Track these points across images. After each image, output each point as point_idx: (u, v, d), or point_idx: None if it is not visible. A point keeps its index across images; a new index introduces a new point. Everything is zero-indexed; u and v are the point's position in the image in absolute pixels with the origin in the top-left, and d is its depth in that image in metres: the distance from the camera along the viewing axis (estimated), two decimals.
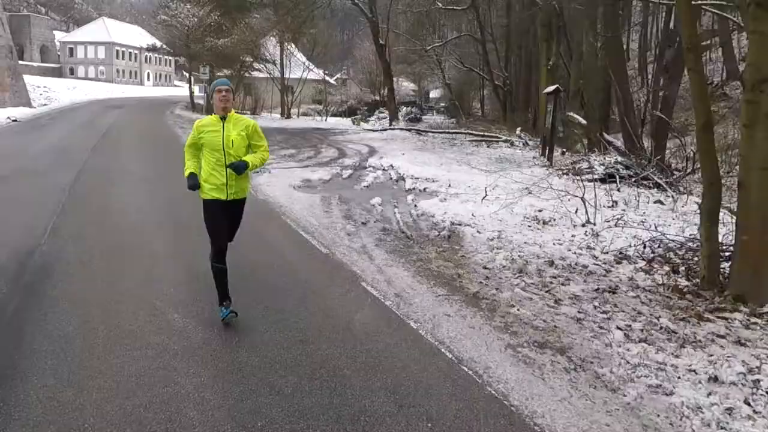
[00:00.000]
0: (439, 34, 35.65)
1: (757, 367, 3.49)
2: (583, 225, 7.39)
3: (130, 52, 74.11)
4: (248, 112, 38.19)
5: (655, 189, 10.25)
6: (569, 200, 8.27)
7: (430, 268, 5.45)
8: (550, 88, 13.62)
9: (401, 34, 33.60)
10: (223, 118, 3.99)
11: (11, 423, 2.79)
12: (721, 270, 5.02)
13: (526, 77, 31.03)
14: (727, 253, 5.22)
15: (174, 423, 2.83)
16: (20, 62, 32.63)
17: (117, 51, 72.05)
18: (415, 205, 8.43)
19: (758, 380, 3.33)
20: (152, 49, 45.54)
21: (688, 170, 11.59)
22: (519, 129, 20.76)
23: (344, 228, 6.99)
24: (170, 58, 59.80)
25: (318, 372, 3.37)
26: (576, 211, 7.61)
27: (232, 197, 4.06)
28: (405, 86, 58.44)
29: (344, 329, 4.01)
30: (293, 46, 37.77)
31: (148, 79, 78.54)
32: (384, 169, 12.31)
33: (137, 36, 72.21)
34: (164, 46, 38.56)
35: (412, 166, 12.56)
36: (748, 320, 4.28)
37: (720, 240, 5.12)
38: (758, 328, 4.16)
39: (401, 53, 39.00)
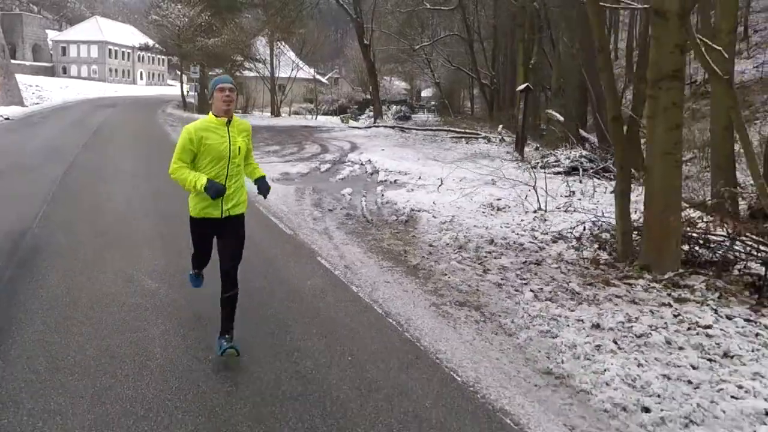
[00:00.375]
0: (427, 34, 36.25)
1: (636, 318, 4.17)
2: (535, 211, 8.07)
3: (122, 51, 74.40)
4: (239, 111, 38.78)
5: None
6: (529, 190, 8.95)
7: (382, 246, 6.11)
8: (521, 87, 14.30)
9: (390, 34, 34.17)
10: (228, 122, 3.43)
11: (10, 357, 3.42)
12: (636, 245, 5.70)
13: (513, 76, 31.60)
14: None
15: (141, 356, 3.47)
16: (12, 61, 33.08)
17: (110, 50, 72.34)
18: (383, 195, 9.09)
19: (632, 327, 4.00)
20: (145, 48, 46.07)
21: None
22: (501, 126, 21.45)
23: (311, 214, 7.64)
24: (163, 57, 60.36)
25: (265, 323, 4.02)
26: (526, 197, 8.28)
27: (228, 213, 3.49)
28: (397, 85, 59.10)
29: (294, 292, 4.66)
30: (285, 45, 38.40)
31: (141, 78, 78.88)
32: (361, 164, 12.95)
33: (130, 35, 72.56)
34: (157, 46, 39.10)
35: (389, 160, 13.21)
36: (649, 285, 4.96)
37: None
38: (654, 291, 4.83)
39: (392, 52, 39.63)
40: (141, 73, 79.15)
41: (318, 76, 50.42)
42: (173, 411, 2.94)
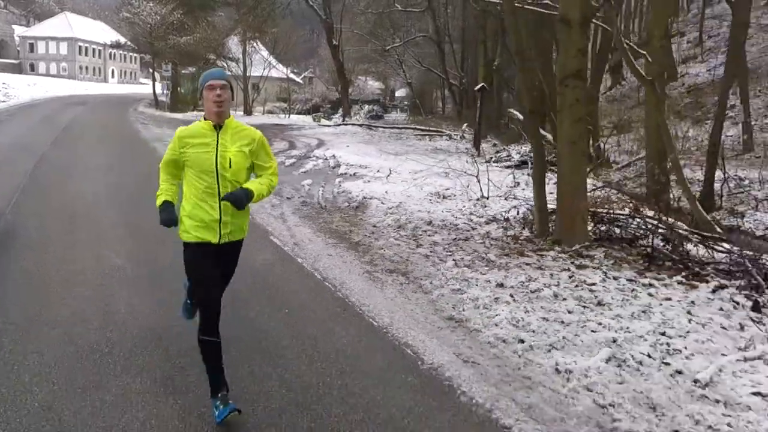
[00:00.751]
0: (399, 35, 37.00)
1: (535, 279, 4.91)
2: (478, 199, 8.82)
3: (93, 49, 73.49)
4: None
5: None
6: (477, 181, 9.70)
7: (330, 227, 6.79)
8: (478, 87, 15.12)
9: (362, 35, 34.80)
10: (218, 127, 2.89)
11: None
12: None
13: (487, 76, 32.63)
14: None
15: (108, 314, 4.08)
16: None
17: (80, 47, 71.41)
18: (340, 185, 9.76)
19: (529, 285, 4.74)
20: (116, 45, 45.88)
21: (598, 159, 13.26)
22: (465, 125, 22.30)
23: (270, 201, 8.26)
24: (135, 55, 59.97)
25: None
26: (468, 186, 9.04)
27: (227, 239, 2.97)
28: (371, 85, 59.80)
29: (248, 266, 5.23)
30: (258, 43, 38.75)
31: (113, 76, 78.01)
32: (325, 159, 13.59)
33: (101, 32, 71.77)
34: (128, 43, 39.06)
35: (352, 155, 13.87)
36: (557, 255, 5.72)
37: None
38: (560, 260, 5.59)
39: (365, 52, 40.29)
40: (113, 71, 78.28)
41: (292, 75, 50.80)
42: (132, 348, 3.57)
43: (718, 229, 8.49)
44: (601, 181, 13.92)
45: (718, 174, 15.36)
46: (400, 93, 60.37)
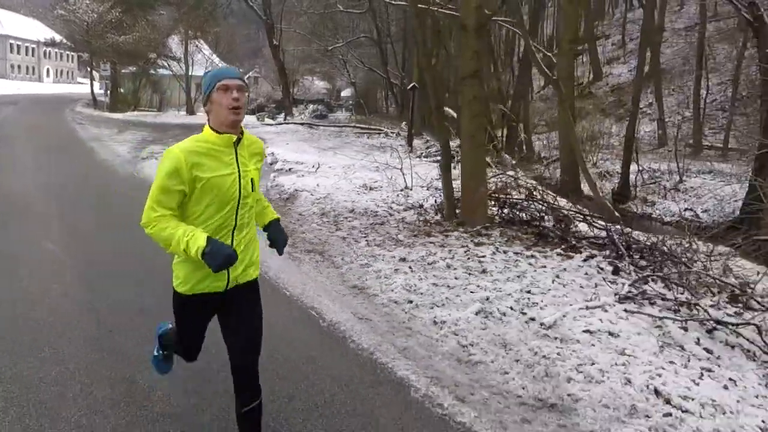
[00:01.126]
0: (342, 35, 37.48)
1: (435, 254, 5.61)
2: (402, 190, 9.51)
3: (26, 47, 70.32)
4: (155, 109, 38.33)
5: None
6: (407, 174, 10.39)
7: None
8: (410, 86, 15.89)
9: (304, 35, 35.08)
10: (237, 142, 2.24)
11: None
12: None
13: (421, 76, 33.58)
14: None
15: (42, 285, 4.48)
16: None
17: (11, 45, 68.17)
18: (274, 180, 10.25)
19: (427, 258, 5.43)
20: (51, 43, 44.11)
21: (522, 153, 14.29)
22: (404, 123, 23.11)
23: None
24: (72, 53, 57.80)
25: (129, 277, 5.09)
26: (391, 178, 9.72)
27: (237, 282, 2.32)
28: (317, 84, 60.02)
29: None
30: (202, 43, 38.41)
31: (48, 75, 74.80)
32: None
33: (34, 29, 68.68)
34: (64, 41, 37.82)
35: (291, 152, 14.34)
36: (460, 235, 6.45)
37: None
38: (462, 239, 6.32)
39: (309, 52, 40.58)
40: (48, 70, 75.06)
41: None
42: (69, 319, 4.01)
43: (616, 213, 9.56)
44: (530, 176, 15.06)
45: (634, 167, 16.82)
46: (346, 93, 60.79)
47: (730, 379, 3.35)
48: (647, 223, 14.12)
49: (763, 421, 2.90)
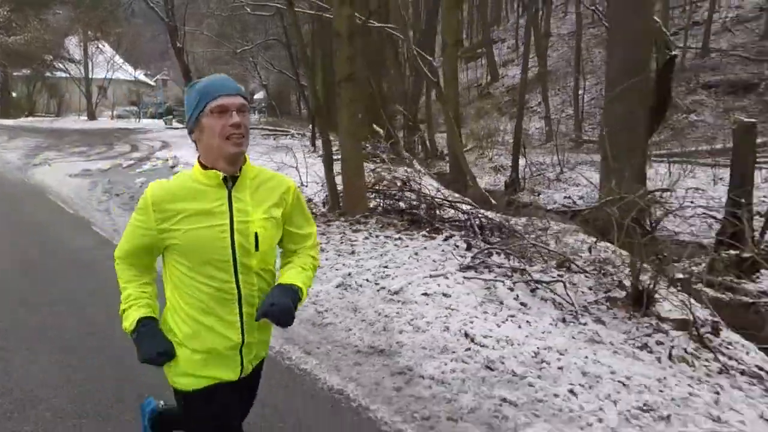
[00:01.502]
0: (251, 37, 37.25)
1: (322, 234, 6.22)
2: (298, 187, 10.06)
3: None
4: (53, 115, 36.30)
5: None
6: (305, 172, 10.90)
7: None
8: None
9: (211, 36, 34.58)
10: (228, 180, 1.72)
11: None
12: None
13: (332, 80, 34.13)
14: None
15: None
16: None
17: None
18: None
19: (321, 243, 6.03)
20: None
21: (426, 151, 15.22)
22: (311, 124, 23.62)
23: (98, 198, 8.82)
24: None
25: (43, 266, 5.35)
26: (287, 175, 10.25)
27: (250, 366, 1.84)
28: None
29: (67, 249, 6.00)
30: (105, 44, 36.80)
31: None
32: (166, 159, 14.06)
33: None
34: None
35: (194, 155, 14.45)
36: (341, 224, 7.12)
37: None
38: (342, 227, 6.98)
39: (218, 54, 39.96)
40: None
41: (143, 77, 48.68)
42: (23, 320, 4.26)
43: (493, 201, 10.66)
44: (434, 172, 16.09)
45: (523, 161, 18.36)
46: (259, 95, 60.31)
47: (527, 321, 4.22)
48: (534, 211, 15.59)
49: (537, 348, 3.76)
